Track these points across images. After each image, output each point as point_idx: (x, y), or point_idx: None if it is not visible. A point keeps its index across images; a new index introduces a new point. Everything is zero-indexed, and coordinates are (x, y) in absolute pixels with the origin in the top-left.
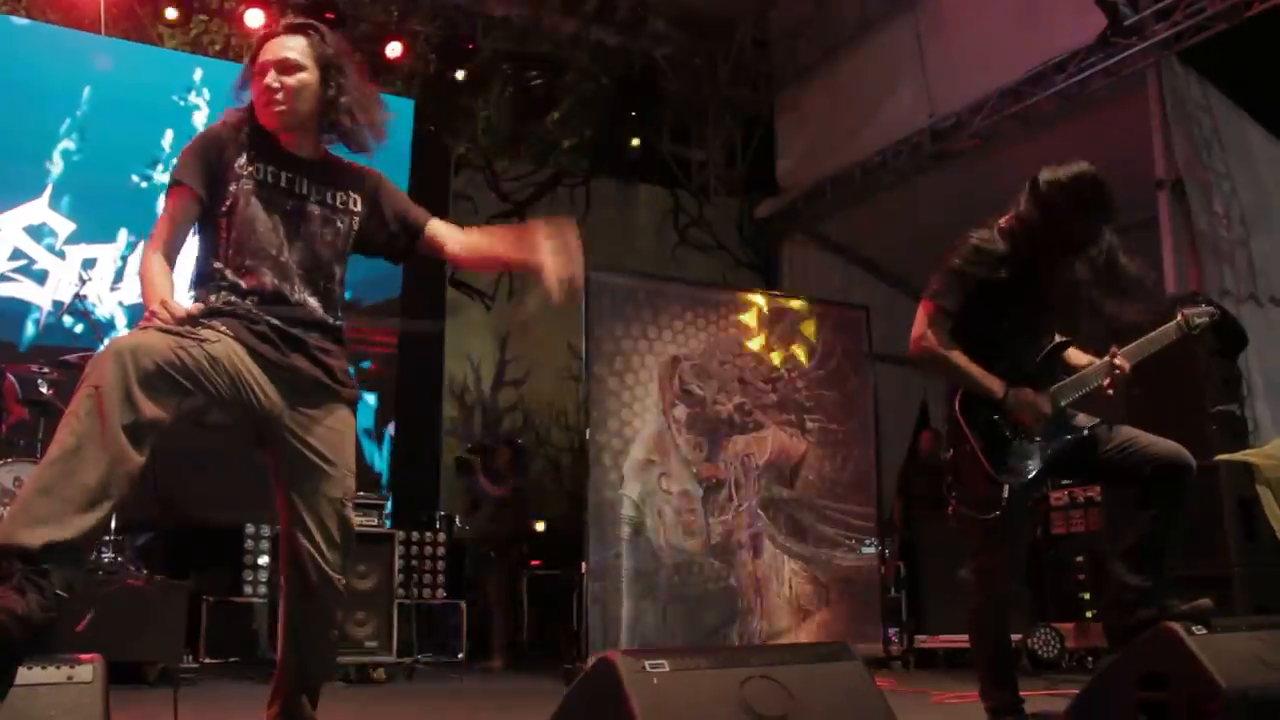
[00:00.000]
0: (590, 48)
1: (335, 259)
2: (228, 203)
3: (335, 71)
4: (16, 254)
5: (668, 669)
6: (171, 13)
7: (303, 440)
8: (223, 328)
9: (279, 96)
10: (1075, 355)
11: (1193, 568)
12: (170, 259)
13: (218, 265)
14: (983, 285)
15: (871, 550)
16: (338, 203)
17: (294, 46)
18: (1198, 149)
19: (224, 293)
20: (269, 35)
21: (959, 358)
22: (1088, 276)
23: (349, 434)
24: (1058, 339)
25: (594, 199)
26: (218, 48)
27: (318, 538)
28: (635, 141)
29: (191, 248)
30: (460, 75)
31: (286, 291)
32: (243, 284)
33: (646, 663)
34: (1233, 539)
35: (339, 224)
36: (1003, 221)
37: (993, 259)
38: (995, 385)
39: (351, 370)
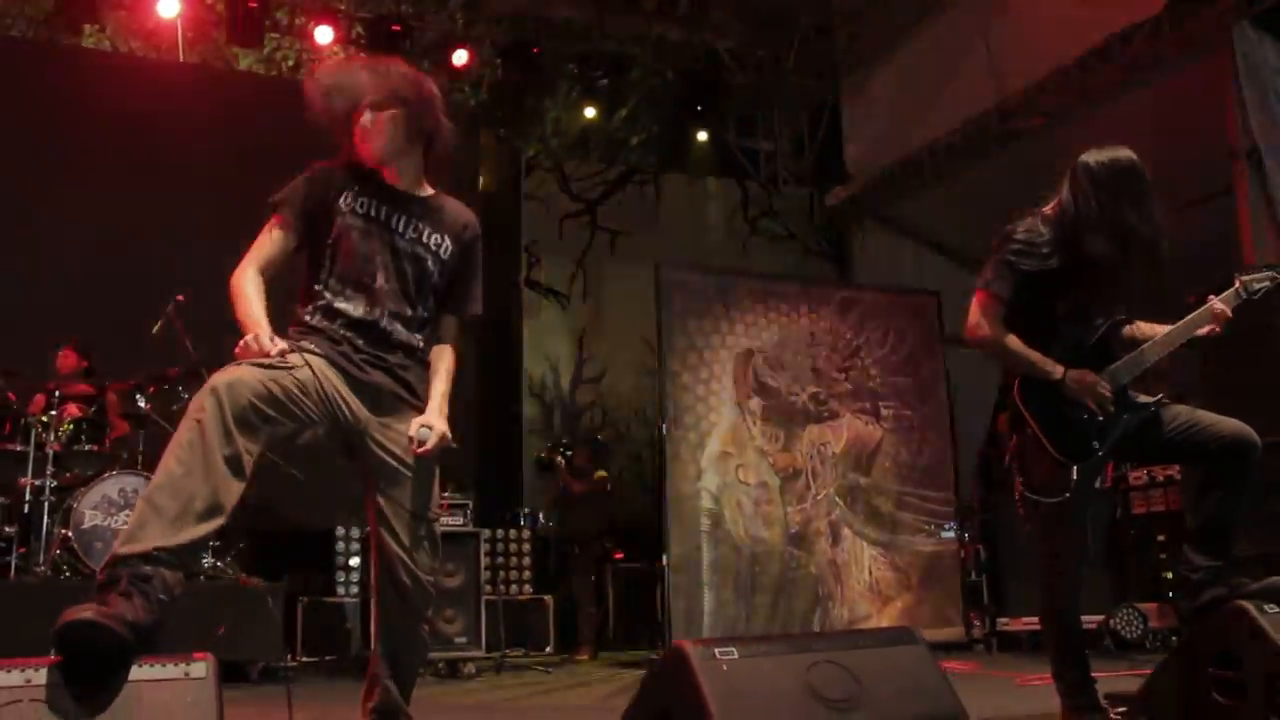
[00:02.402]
0: (653, 44)
1: (419, 292)
2: (333, 234)
3: (423, 111)
4: None
5: (737, 656)
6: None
7: (387, 450)
8: (310, 346)
9: (361, 134)
10: (1142, 329)
11: (1268, 545)
12: (265, 274)
13: (318, 288)
14: (1033, 274)
15: (951, 534)
16: (431, 243)
17: (375, 88)
18: (1274, 115)
19: (319, 315)
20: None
21: (1014, 343)
22: (1134, 258)
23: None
24: (1113, 319)
25: (664, 195)
26: (290, 64)
27: (406, 541)
28: (702, 135)
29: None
30: (526, 79)
31: (375, 317)
32: (336, 307)
33: (717, 650)
34: None
35: (429, 263)
36: (1047, 209)
37: (1039, 249)
38: (1053, 368)
39: None
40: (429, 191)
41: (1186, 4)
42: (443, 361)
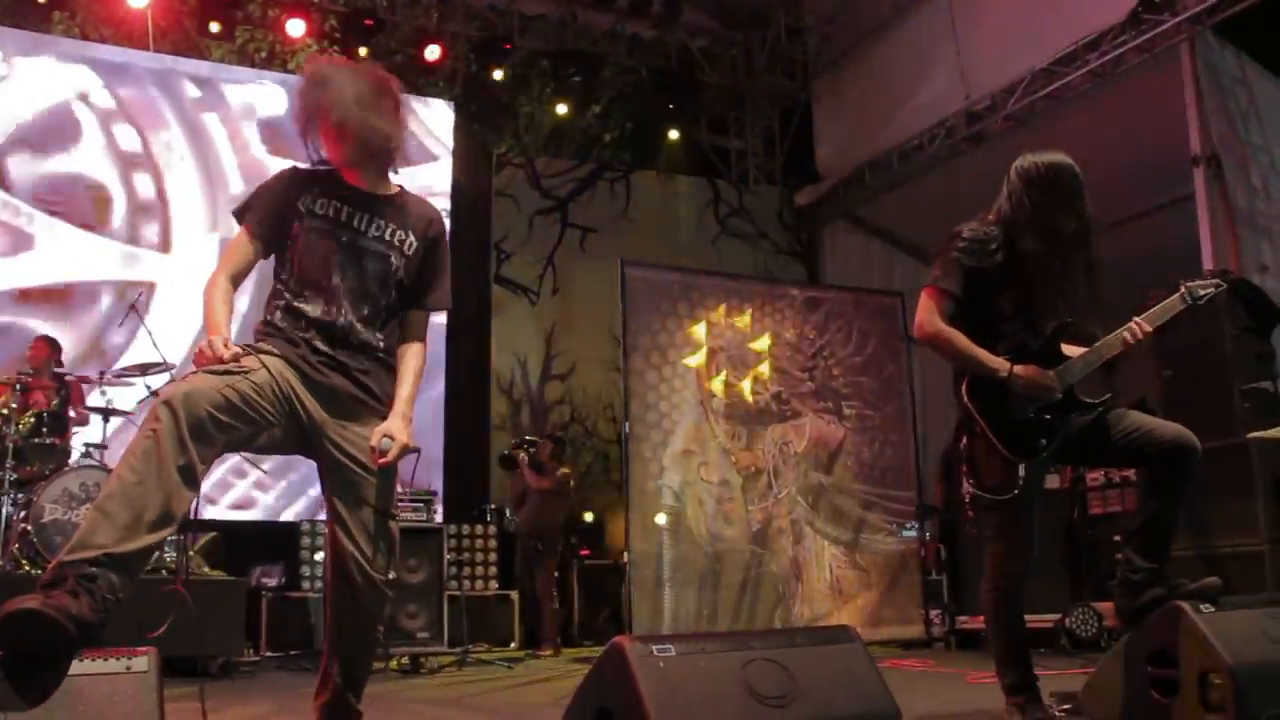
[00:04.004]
0: (626, 41)
1: (382, 289)
2: (293, 235)
3: (359, 115)
4: None
5: (674, 653)
6: (215, 26)
7: (343, 450)
8: (268, 348)
9: (335, 139)
10: (1071, 349)
11: (1225, 545)
12: (235, 282)
13: (279, 288)
14: (980, 272)
15: (912, 534)
16: (395, 239)
17: (312, 99)
18: (1234, 123)
19: (280, 314)
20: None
21: (960, 339)
22: (1074, 261)
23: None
24: (1060, 323)
25: (634, 192)
26: (264, 55)
27: (361, 542)
28: (674, 134)
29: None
30: (499, 75)
31: (333, 317)
32: (296, 307)
33: (654, 647)
34: (1265, 516)
35: (392, 259)
36: (991, 214)
37: (985, 246)
38: (999, 363)
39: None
40: (392, 189)
41: (1150, 12)
42: (409, 362)
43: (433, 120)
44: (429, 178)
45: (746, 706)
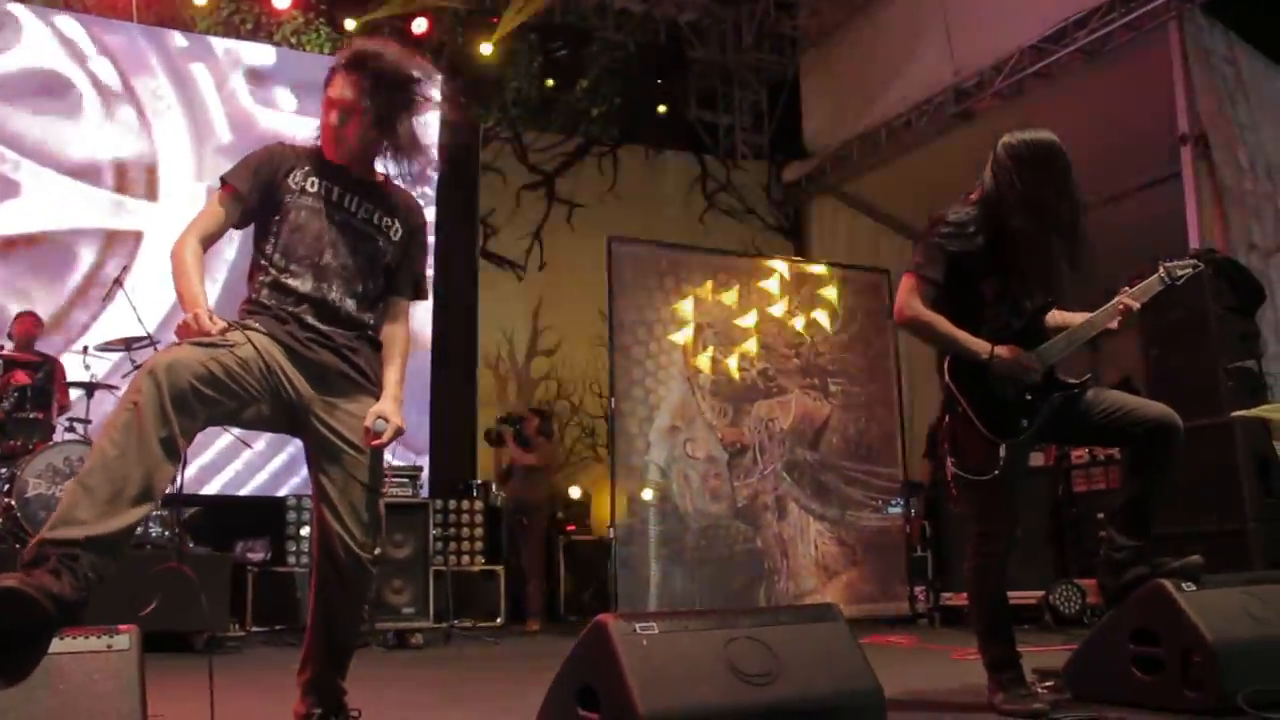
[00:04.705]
0: (614, 16)
1: (372, 271)
2: (281, 211)
3: (389, 114)
4: None
5: (657, 631)
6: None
7: (330, 428)
8: (255, 324)
9: (338, 139)
10: (1060, 316)
11: (1209, 523)
12: (205, 245)
13: (264, 264)
14: (961, 255)
15: (897, 510)
16: (382, 225)
17: (353, 84)
18: (1222, 101)
19: (266, 290)
20: (337, 68)
21: (942, 323)
22: (1058, 240)
23: None
24: (1041, 302)
25: (621, 167)
26: (250, 27)
27: (346, 519)
28: (662, 108)
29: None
30: (486, 49)
31: (324, 293)
32: (285, 282)
33: (637, 625)
34: (1249, 494)
35: (379, 242)
36: (973, 194)
37: (966, 230)
38: (980, 346)
39: None
40: (379, 177)
41: None
42: (396, 346)
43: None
44: None
45: (729, 684)
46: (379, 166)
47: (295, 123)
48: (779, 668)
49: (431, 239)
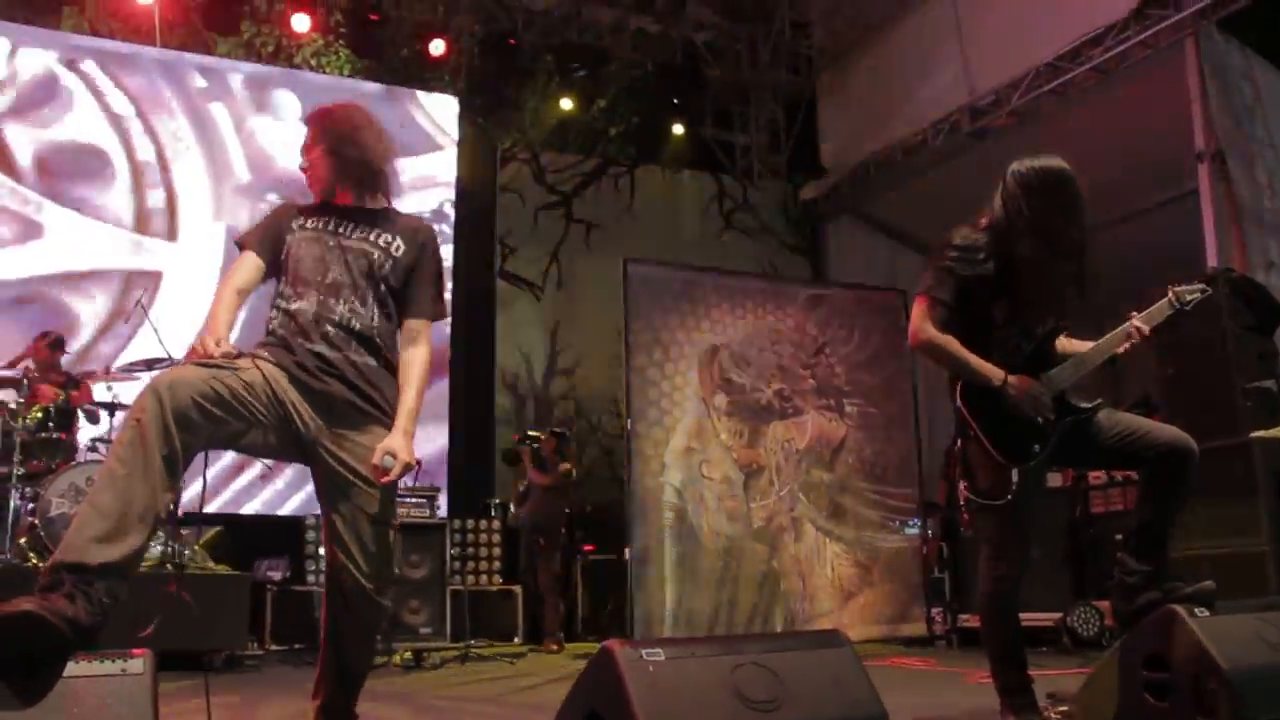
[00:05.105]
0: (631, 36)
1: (369, 280)
2: (287, 249)
3: (341, 144)
4: None
5: (663, 657)
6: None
7: (340, 460)
8: (264, 354)
9: (307, 175)
10: (1067, 344)
11: (1227, 546)
12: (240, 294)
13: (277, 299)
14: (971, 279)
15: (914, 531)
16: (380, 241)
17: (309, 135)
18: (1239, 119)
19: (278, 319)
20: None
21: (955, 346)
22: (1066, 267)
23: None
24: (1051, 327)
25: (639, 187)
26: (270, 50)
27: (355, 552)
28: (678, 128)
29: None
30: (503, 70)
31: (331, 309)
32: (291, 309)
33: (643, 651)
34: (1267, 516)
35: (375, 255)
36: (982, 220)
37: (975, 255)
38: (993, 372)
39: None
40: (380, 204)
41: (1154, 8)
42: (412, 370)
43: (438, 114)
44: (432, 168)
45: (735, 711)
46: (375, 201)
47: None
48: (785, 694)
49: (450, 259)
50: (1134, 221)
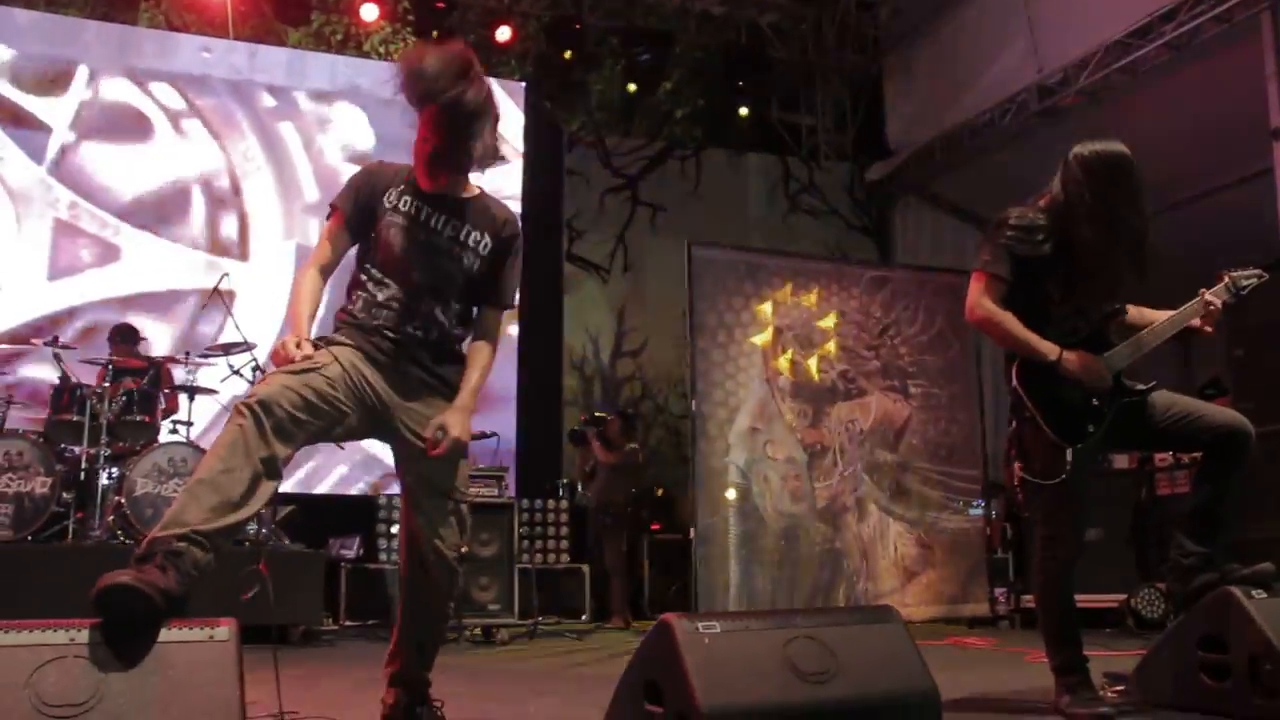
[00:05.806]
0: (696, 19)
1: (454, 287)
2: (377, 228)
3: (477, 128)
4: None
5: (719, 630)
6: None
7: (415, 433)
8: (341, 338)
9: (430, 175)
10: (1138, 315)
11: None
12: (325, 274)
13: (363, 278)
14: (1028, 259)
15: (978, 511)
16: (470, 240)
17: (439, 128)
18: None
19: (360, 304)
20: (422, 109)
21: (1012, 322)
22: (1125, 251)
23: None
24: (1109, 309)
25: (704, 170)
26: (339, 39)
27: (432, 518)
28: (744, 110)
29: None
30: (569, 54)
31: (412, 307)
32: (377, 296)
33: (700, 624)
34: None
35: (465, 259)
36: (1041, 200)
37: (1034, 236)
38: (1049, 348)
39: None
40: (472, 192)
41: None
42: (478, 356)
43: (504, 98)
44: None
45: (787, 681)
46: (469, 189)
47: None
48: (837, 667)
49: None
50: (1205, 201)
